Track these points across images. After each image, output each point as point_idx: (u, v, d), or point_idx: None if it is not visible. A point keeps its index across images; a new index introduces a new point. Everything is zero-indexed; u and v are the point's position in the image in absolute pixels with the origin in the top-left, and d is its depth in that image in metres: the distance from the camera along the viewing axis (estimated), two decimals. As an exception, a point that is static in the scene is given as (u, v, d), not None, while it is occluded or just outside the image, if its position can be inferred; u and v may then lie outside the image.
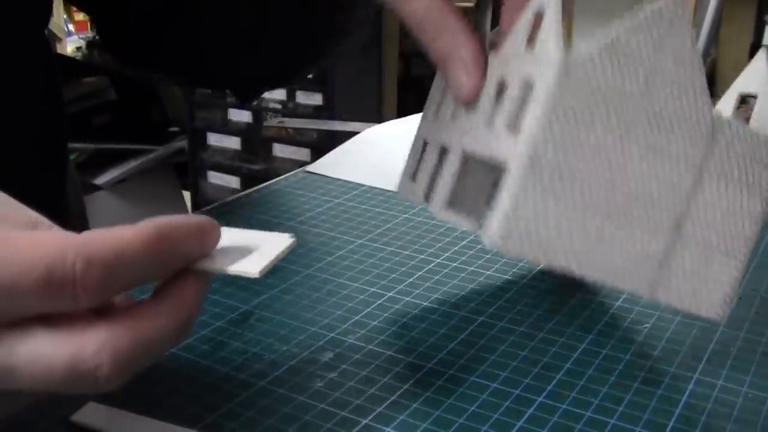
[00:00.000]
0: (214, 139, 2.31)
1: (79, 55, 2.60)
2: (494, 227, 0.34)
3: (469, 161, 0.38)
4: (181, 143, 2.31)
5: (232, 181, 2.27)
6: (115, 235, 0.29)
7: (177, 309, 0.31)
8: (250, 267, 0.34)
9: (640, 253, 0.36)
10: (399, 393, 0.38)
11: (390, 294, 0.47)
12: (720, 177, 0.37)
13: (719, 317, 0.38)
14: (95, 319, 0.29)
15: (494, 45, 0.39)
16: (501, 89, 0.37)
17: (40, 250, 0.28)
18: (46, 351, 0.28)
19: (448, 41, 0.38)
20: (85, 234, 0.29)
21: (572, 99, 0.34)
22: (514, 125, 0.35)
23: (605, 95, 0.35)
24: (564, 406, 0.37)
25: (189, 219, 0.31)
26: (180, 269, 0.31)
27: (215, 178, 2.31)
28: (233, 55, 0.62)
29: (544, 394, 0.38)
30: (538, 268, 0.50)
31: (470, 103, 0.38)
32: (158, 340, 0.30)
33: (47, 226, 0.30)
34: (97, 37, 2.40)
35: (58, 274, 0.27)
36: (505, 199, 0.34)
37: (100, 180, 1.95)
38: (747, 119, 0.57)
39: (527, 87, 0.35)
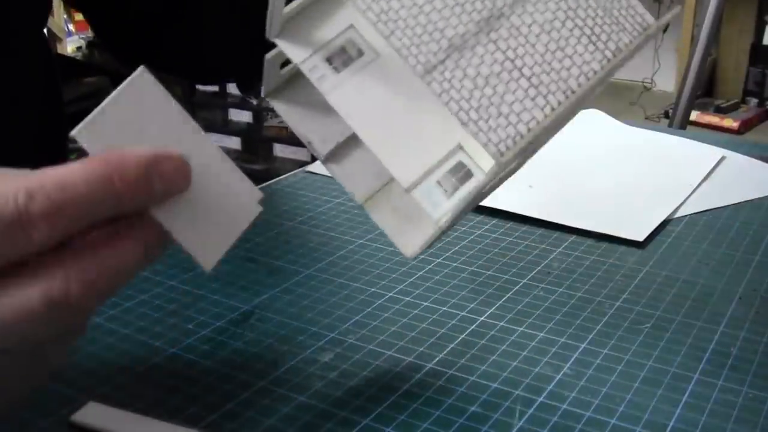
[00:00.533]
0: (214, 139, 2.28)
1: (79, 55, 2.60)
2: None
3: None
4: (181, 143, 2.31)
5: (232, 181, 2.27)
6: (62, 169, 0.28)
7: (143, 233, 0.31)
8: (204, 258, 0.35)
9: (434, 20, 0.34)
10: (399, 393, 0.38)
11: (390, 294, 0.47)
12: (562, 5, 0.34)
13: (496, 155, 0.33)
14: (60, 254, 0.29)
15: None
16: None
17: None
18: (19, 295, 0.28)
19: None
20: (34, 171, 0.28)
21: None
22: None
23: None
24: (564, 406, 0.37)
25: (144, 150, 0.30)
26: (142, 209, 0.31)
27: (215, 178, 2.31)
28: (233, 45, 0.62)
29: (544, 394, 0.38)
30: (538, 268, 0.50)
31: None
32: (125, 264, 0.30)
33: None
34: (96, 36, 2.40)
35: (5, 211, 0.27)
36: None
37: (100, 180, 1.95)
38: (748, 120, 0.57)
39: None
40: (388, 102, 0.40)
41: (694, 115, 2.82)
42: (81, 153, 0.32)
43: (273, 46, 0.50)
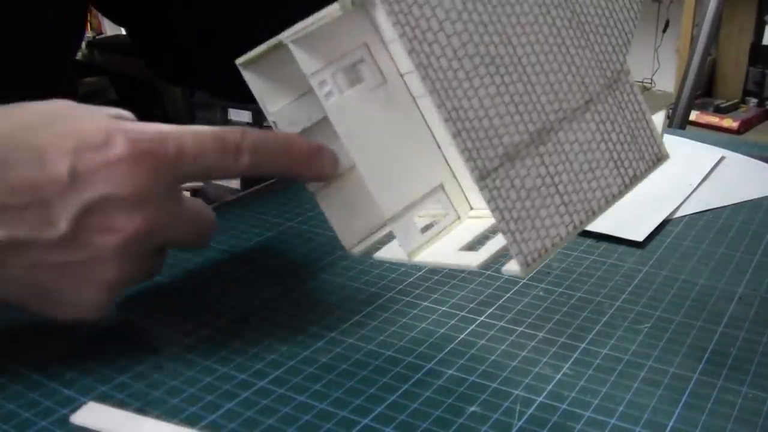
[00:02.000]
0: (214, 139, 2.30)
1: (79, 55, 2.60)
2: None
3: None
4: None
5: (232, 181, 2.26)
6: (263, 131, 0.42)
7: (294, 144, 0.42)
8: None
9: (496, 127, 0.34)
10: (399, 393, 0.38)
11: (390, 294, 0.47)
12: (600, 127, 0.36)
13: (522, 267, 0.35)
14: None
15: None
16: None
17: (213, 129, 0.40)
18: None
19: None
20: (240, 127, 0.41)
21: None
22: None
23: None
24: (564, 406, 0.37)
25: (312, 142, 0.43)
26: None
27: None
28: None
29: (544, 394, 0.38)
30: (538, 268, 0.50)
31: None
32: (281, 146, 0.42)
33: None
34: (96, 37, 2.40)
35: (228, 138, 0.40)
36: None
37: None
38: (748, 120, 0.57)
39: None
40: (385, 132, 0.41)
41: (694, 115, 2.82)
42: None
43: None
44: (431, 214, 0.42)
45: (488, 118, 0.34)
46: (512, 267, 0.35)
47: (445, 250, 0.41)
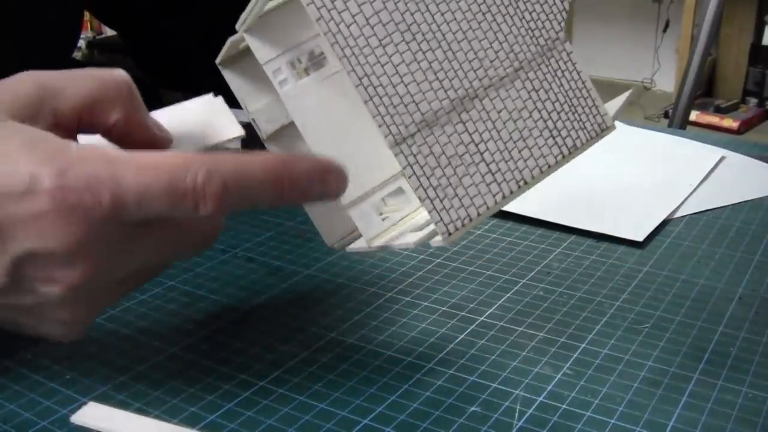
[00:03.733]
0: (214, 139, 2.30)
1: (79, 55, 2.60)
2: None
3: None
4: (181, 143, 2.30)
5: (232, 181, 2.26)
6: (240, 157, 0.33)
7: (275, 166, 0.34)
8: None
9: (411, 93, 0.34)
10: (399, 393, 0.38)
11: (390, 294, 0.47)
12: (532, 96, 0.35)
13: (444, 236, 0.34)
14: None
15: None
16: None
17: (167, 160, 0.32)
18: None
19: None
20: (211, 153, 0.34)
21: None
22: None
23: None
24: (564, 406, 0.37)
25: (316, 160, 0.35)
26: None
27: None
28: None
29: (544, 394, 0.38)
30: (538, 268, 0.50)
31: None
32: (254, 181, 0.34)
33: None
34: (96, 37, 2.40)
35: (182, 181, 0.32)
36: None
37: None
38: (748, 120, 0.57)
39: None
40: (342, 118, 0.40)
41: (694, 115, 2.82)
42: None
43: None
44: (394, 207, 0.42)
45: (403, 84, 0.33)
46: (437, 239, 0.34)
47: (402, 235, 0.40)
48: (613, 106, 0.39)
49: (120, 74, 0.38)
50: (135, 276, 0.37)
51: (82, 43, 2.68)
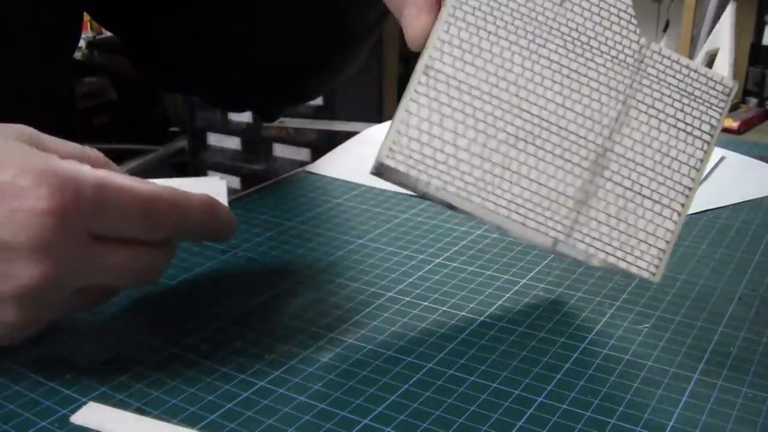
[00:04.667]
0: (214, 139, 2.31)
1: (79, 55, 2.60)
2: (384, 142, 0.32)
3: None
4: (181, 143, 2.31)
5: (232, 181, 2.27)
6: (187, 195, 0.39)
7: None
8: None
9: (554, 188, 0.33)
10: (399, 393, 0.38)
11: (390, 294, 0.47)
12: (650, 112, 0.34)
13: (651, 276, 0.34)
14: None
15: None
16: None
17: (146, 186, 0.37)
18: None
19: None
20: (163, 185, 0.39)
21: (477, 7, 0.32)
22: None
23: (514, 8, 0.32)
24: (564, 406, 0.37)
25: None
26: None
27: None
28: (259, 77, 0.64)
29: (544, 394, 0.38)
30: (538, 268, 0.50)
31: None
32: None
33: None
34: (97, 37, 2.40)
35: (156, 205, 0.37)
36: (398, 111, 0.32)
37: (100, 180, 1.95)
38: (748, 120, 0.57)
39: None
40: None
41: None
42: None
43: (297, 77, 0.50)
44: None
45: (539, 185, 0.33)
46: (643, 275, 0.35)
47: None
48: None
49: (96, 152, 0.41)
50: (84, 294, 0.37)
51: (82, 43, 2.68)
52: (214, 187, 0.49)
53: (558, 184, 0.33)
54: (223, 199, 0.46)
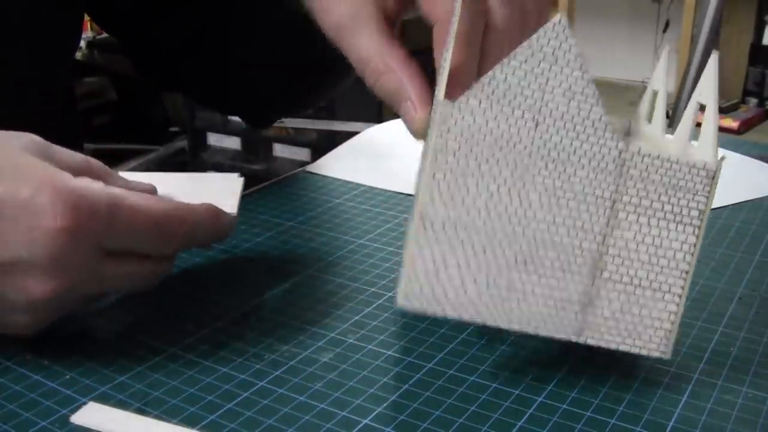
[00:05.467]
0: (214, 139, 2.31)
1: (79, 55, 2.60)
2: (399, 288, 0.35)
3: None
4: (181, 143, 2.31)
5: (232, 181, 2.27)
6: (194, 210, 0.41)
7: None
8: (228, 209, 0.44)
9: (559, 298, 0.35)
10: (399, 393, 0.38)
11: (390, 294, 0.47)
12: (639, 210, 0.35)
13: (662, 354, 0.36)
14: None
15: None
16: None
17: (158, 205, 0.39)
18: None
19: (391, 81, 0.40)
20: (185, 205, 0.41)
21: (456, 149, 0.33)
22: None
23: (492, 142, 0.34)
24: (564, 406, 0.37)
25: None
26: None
27: (215, 178, 2.31)
28: (253, 81, 0.64)
29: (544, 394, 0.38)
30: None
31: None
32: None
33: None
34: (97, 37, 2.40)
35: (167, 225, 0.39)
36: (405, 258, 0.35)
37: (100, 180, 1.95)
38: (748, 120, 0.57)
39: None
40: None
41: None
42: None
43: (290, 84, 0.51)
44: None
45: (545, 303, 0.35)
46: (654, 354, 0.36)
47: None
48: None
49: (98, 162, 0.42)
50: (88, 297, 0.40)
51: (82, 43, 2.68)
52: (231, 184, 0.49)
53: (562, 293, 0.35)
54: (237, 197, 0.47)
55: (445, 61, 0.35)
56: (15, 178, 0.35)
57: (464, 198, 0.34)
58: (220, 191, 0.47)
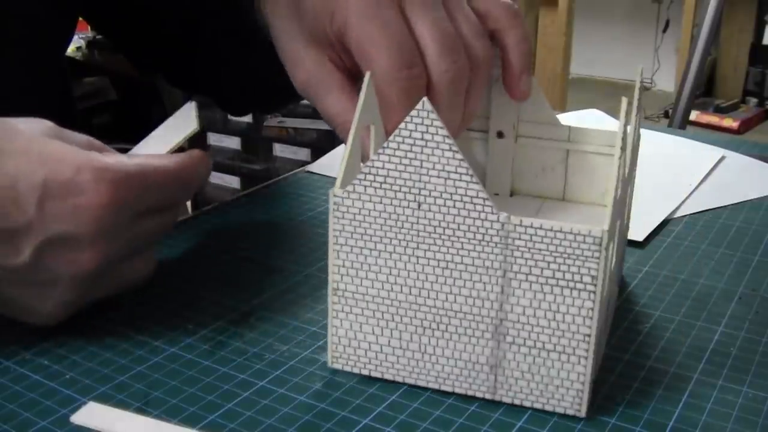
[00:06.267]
0: (214, 139, 2.31)
1: (79, 55, 2.60)
2: (328, 350, 0.39)
3: None
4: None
5: (232, 181, 2.27)
6: (190, 155, 0.44)
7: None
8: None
9: (469, 360, 0.37)
10: (399, 393, 0.38)
11: (390, 294, 0.47)
12: (530, 279, 0.35)
13: (577, 412, 0.36)
14: None
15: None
16: None
17: (173, 158, 0.43)
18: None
19: (332, 103, 0.44)
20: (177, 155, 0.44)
21: (352, 231, 0.36)
22: None
23: (382, 223, 0.36)
24: (564, 406, 0.37)
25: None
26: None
27: (215, 178, 2.31)
28: (222, 72, 0.64)
29: (544, 394, 0.38)
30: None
31: None
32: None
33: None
34: (97, 37, 2.40)
35: (185, 174, 0.43)
36: (328, 322, 0.38)
37: (100, 180, 1.95)
38: (748, 120, 0.57)
39: None
40: None
41: (694, 115, 2.82)
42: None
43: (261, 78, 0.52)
44: None
45: (456, 365, 0.37)
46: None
47: None
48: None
49: (98, 142, 0.44)
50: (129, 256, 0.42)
51: (82, 43, 2.68)
52: (188, 113, 0.50)
53: (470, 356, 0.37)
54: (194, 120, 0.49)
55: (345, 152, 0.37)
56: (53, 161, 0.38)
57: (367, 273, 0.37)
58: (179, 121, 0.50)
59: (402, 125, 0.34)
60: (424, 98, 0.34)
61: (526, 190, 0.49)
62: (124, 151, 0.46)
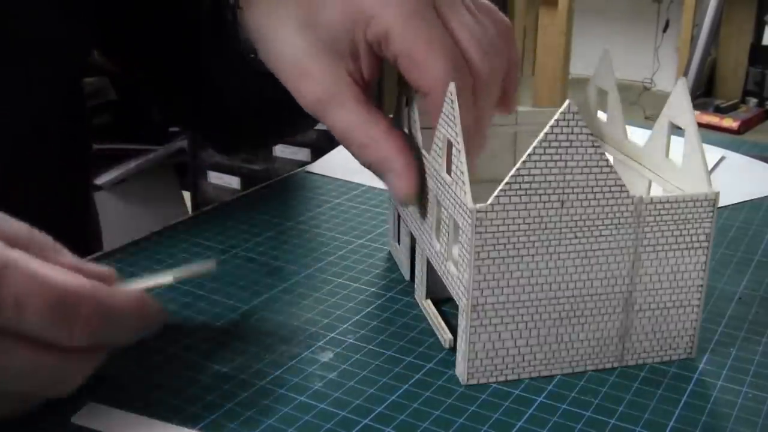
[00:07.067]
0: (214, 139, 2.30)
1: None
2: (459, 369, 0.39)
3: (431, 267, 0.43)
4: (181, 143, 2.31)
5: (232, 181, 2.27)
6: (110, 291, 0.34)
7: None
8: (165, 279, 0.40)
9: (601, 337, 0.39)
10: (399, 393, 0.38)
11: (390, 294, 0.47)
12: (657, 248, 0.38)
13: (688, 356, 0.40)
14: None
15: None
16: (438, 215, 0.40)
17: (63, 277, 0.32)
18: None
19: (375, 152, 0.42)
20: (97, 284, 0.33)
21: (495, 243, 0.36)
22: (455, 262, 0.39)
23: (525, 228, 0.37)
24: (564, 406, 0.37)
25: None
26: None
27: (215, 178, 2.31)
28: (222, 108, 0.63)
29: (544, 394, 0.38)
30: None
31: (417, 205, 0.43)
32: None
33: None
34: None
35: (68, 303, 0.31)
36: (461, 343, 0.38)
37: (100, 180, 1.95)
38: (748, 120, 0.57)
39: (456, 227, 0.38)
40: None
41: (694, 115, 2.82)
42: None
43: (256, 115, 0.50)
44: None
45: (589, 344, 0.39)
46: None
47: None
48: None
49: (46, 237, 0.35)
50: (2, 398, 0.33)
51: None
52: (199, 267, 0.43)
53: (602, 333, 0.39)
54: (190, 270, 0.42)
55: (464, 168, 0.37)
56: None
57: (508, 281, 0.37)
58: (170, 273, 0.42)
59: (547, 129, 0.35)
60: (568, 101, 0.35)
61: (479, 177, 0.50)
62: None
